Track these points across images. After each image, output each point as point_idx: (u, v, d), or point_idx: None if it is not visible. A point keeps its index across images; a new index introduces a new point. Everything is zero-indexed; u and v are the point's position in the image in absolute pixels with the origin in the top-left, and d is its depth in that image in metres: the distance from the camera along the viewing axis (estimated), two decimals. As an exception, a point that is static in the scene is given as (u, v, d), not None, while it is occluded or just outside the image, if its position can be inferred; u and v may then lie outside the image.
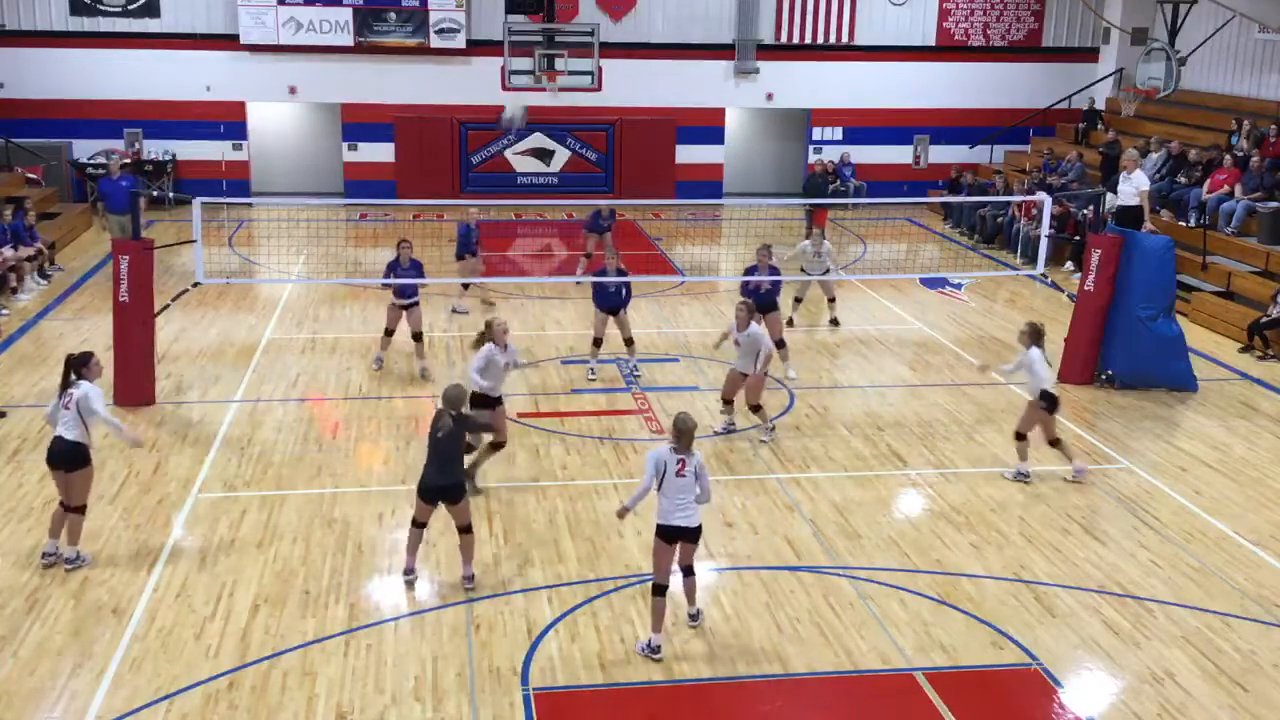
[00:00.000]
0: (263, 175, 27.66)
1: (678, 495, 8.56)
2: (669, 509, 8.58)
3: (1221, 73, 24.98)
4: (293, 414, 13.66)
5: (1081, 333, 15.14)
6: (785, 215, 25.50)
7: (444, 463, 9.32)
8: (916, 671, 8.61)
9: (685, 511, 8.60)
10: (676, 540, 8.65)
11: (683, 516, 8.59)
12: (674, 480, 8.54)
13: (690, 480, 8.58)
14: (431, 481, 9.35)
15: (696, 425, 8.76)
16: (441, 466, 9.31)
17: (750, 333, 12.45)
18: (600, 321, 14.79)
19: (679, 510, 8.58)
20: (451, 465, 9.35)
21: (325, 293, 18.94)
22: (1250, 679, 8.61)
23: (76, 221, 23.25)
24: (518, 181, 27.58)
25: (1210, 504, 11.69)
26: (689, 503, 8.61)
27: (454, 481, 9.34)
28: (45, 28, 25.66)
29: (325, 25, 26.10)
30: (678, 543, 8.67)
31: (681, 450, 8.56)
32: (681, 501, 8.58)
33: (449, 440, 9.28)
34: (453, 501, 9.37)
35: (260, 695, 8.14)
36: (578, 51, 23.30)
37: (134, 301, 13.62)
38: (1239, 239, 19.57)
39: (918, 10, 28.09)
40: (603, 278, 14.65)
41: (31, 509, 10.94)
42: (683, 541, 8.70)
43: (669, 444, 8.62)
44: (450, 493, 9.33)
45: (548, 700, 8.18)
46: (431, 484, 9.35)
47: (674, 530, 8.60)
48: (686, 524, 8.62)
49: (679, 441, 8.57)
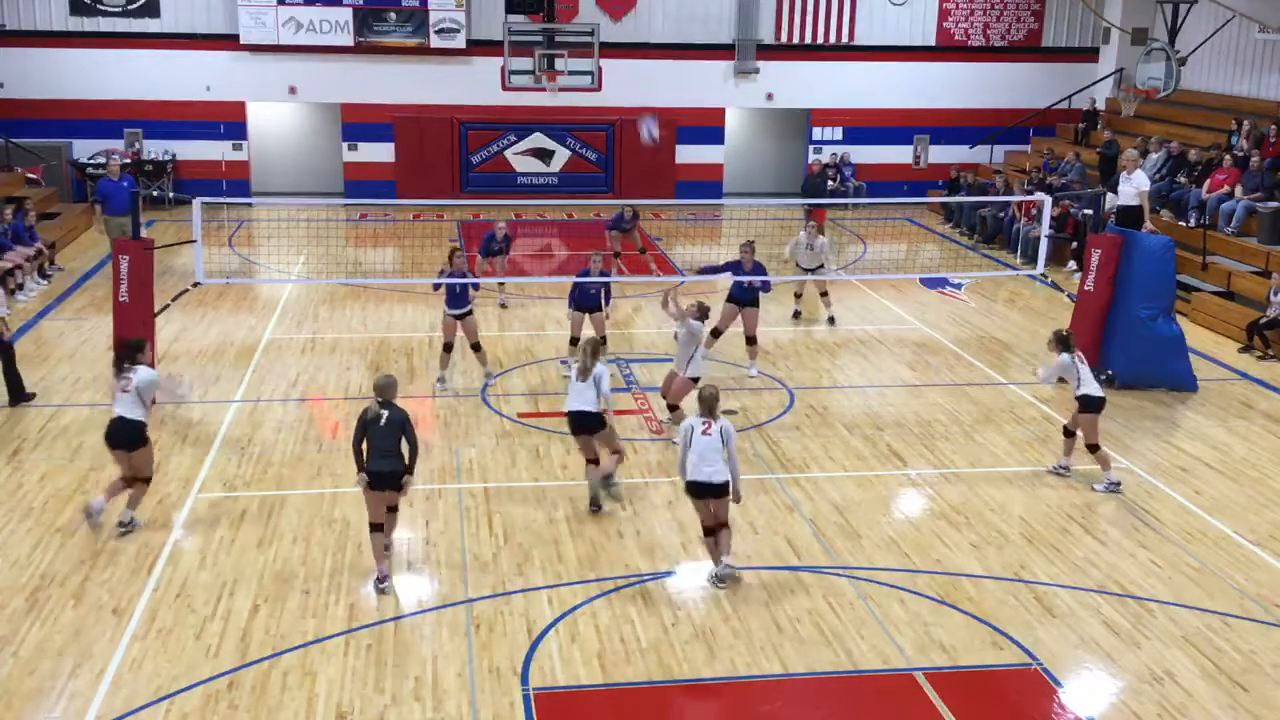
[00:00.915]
0: (263, 175, 27.65)
1: (705, 455, 9.42)
2: (695, 465, 9.47)
3: (1221, 73, 24.98)
4: (293, 414, 13.67)
5: (1081, 333, 15.08)
6: (785, 215, 25.50)
7: (386, 452, 9.50)
8: (916, 671, 8.61)
9: (709, 469, 9.45)
10: (705, 497, 9.55)
11: (708, 473, 9.44)
12: (700, 439, 9.42)
13: (716, 440, 9.42)
14: (378, 468, 9.49)
15: (718, 392, 9.81)
16: (385, 455, 9.49)
17: (691, 325, 12.48)
18: (576, 321, 14.81)
19: (704, 466, 9.45)
20: (393, 455, 9.54)
21: (325, 293, 18.94)
22: (1250, 679, 8.62)
23: (76, 221, 23.26)
24: (517, 181, 27.58)
25: (1210, 504, 11.69)
26: (715, 461, 9.44)
27: (395, 469, 9.55)
28: (45, 28, 25.66)
29: (325, 25, 26.10)
30: (707, 499, 9.56)
31: (705, 415, 9.55)
32: (708, 461, 9.43)
33: (390, 430, 9.48)
34: (396, 489, 9.65)
35: (260, 695, 8.14)
36: (578, 51, 23.28)
37: (134, 301, 13.63)
38: (1239, 239, 19.57)
39: (918, 10, 28.09)
40: (585, 278, 14.67)
41: (31, 509, 10.94)
42: (711, 498, 9.56)
43: (697, 414, 9.68)
44: (392, 480, 9.56)
45: (548, 700, 8.19)
46: (379, 470, 9.49)
47: (698, 486, 9.51)
48: (708, 480, 9.46)
49: (703, 409, 9.62)
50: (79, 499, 11.13)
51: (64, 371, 14.88)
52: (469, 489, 11.61)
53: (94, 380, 14.46)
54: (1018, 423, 13.82)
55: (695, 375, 12.54)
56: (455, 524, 10.81)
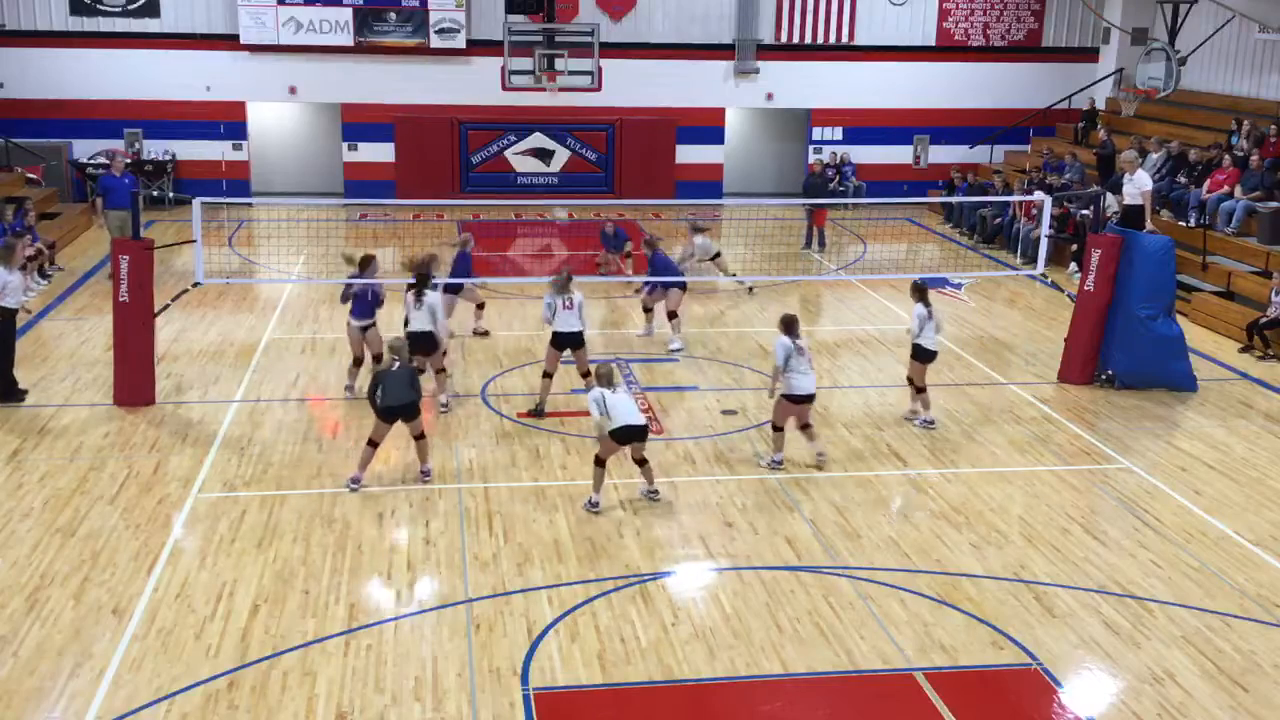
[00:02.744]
0: (263, 175, 27.65)
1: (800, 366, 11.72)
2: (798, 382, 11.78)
3: (1221, 73, 24.98)
4: (293, 414, 13.67)
5: (1081, 333, 15.14)
6: (785, 215, 25.49)
7: (399, 394, 11.19)
8: (916, 671, 8.61)
9: (807, 377, 11.87)
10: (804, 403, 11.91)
11: (807, 383, 11.89)
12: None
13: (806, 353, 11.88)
14: (388, 404, 11.16)
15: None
16: (396, 393, 11.16)
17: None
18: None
19: (804, 377, 11.83)
20: (405, 392, 11.23)
21: (325, 293, 18.93)
22: (1250, 679, 8.62)
23: (76, 221, 23.26)
24: (517, 181, 27.58)
25: (1210, 504, 11.69)
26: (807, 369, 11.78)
27: (406, 401, 11.24)
28: (45, 28, 25.66)
29: (325, 25, 26.11)
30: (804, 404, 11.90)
31: None
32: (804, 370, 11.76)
33: (401, 376, 11.21)
34: (410, 418, 11.39)
35: (260, 695, 8.14)
36: (578, 51, 23.26)
37: (134, 301, 13.62)
38: (1239, 239, 19.57)
39: (917, 10, 28.09)
40: None
41: (31, 509, 10.94)
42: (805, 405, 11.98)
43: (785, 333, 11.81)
44: (405, 410, 11.29)
45: (548, 700, 8.19)
46: (389, 405, 11.18)
47: (802, 397, 11.93)
48: (807, 392, 11.91)
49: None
50: (79, 499, 11.14)
51: (64, 371, 14.88)
52: (469, 489, 11.62)
53: (94, 380, 14.46)
54: (1018, 423, 13.82)
55: None
56: (455, 524, 10.81)
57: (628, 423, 10.87)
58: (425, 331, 13.13)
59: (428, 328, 13.13)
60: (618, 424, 10.84)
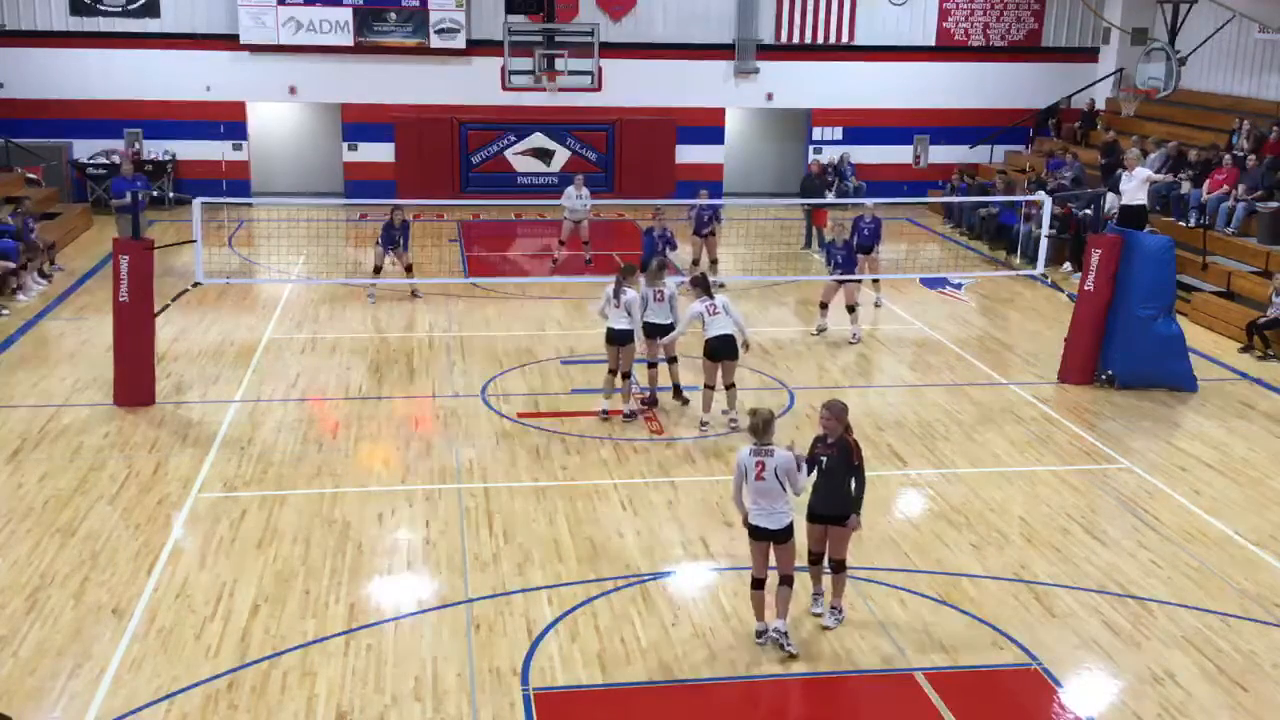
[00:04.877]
0: (263, 175, 27.64)
1: (759, 498, 8.50)
2: (753, 509, 8.58)
3: (1221, 73, 24.98)
4: (293, 414, 13.67)
5: (1081, 333, 15.14)
6: (785, 215, 25.48)
7: None
8: (916, 671, 8.61)
9: (772, 511, 8.49)
10: (764, 540, 8.56)
11: (765, 517, 8.51)
12: (754, 484, 8.49)
13: (772, 482, 8.42)
14: None
15: (773, 415, 8.65)
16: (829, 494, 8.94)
17: None
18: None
19: (760, 511, 8.54)
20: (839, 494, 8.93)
21: (325, 293, 18.93)
22: (1250, 679, 8.61)
23: (76, 221, 23.26)
24: (517, 181, 27.57)
25: (1210, 504, 11.69)
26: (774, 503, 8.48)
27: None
28: (45, 28, 25.65)
29: (325, 25, 26.10)
30: (767, 541, 8.56)
31: (760, 450, 8.46)
32: (763, 504, 8.50)
33: None
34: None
35: (260, 695, 8.14)
36: (578, 51, 23.29)
37: (134, 301, 13.62)
38: (1239, 239, 19.57)
39: (918, 10, 28.09)
40: None
41: (31, 509, 10.94)
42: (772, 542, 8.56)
43: (750, 444, 8.57)
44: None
45: (548, 700, 8.18)
46: None
47: (758, 530, 8.57)
48: (769, 525, 8.49)
49: (756, 437, 8.51)
50: (79, 499, 11.14)
51: (64, 372, 14.88)
52: (469, 489, 11.61)
53: (94, 380, 14.46)
54: (1018, 423, 13.82)
55: None
56: (455, 524, 10.81)
57: (722, 332, 12.69)
58: (626, 329, 13.27)
59: (626, 326, 13.26)
60: (712, 334, 12.65)
